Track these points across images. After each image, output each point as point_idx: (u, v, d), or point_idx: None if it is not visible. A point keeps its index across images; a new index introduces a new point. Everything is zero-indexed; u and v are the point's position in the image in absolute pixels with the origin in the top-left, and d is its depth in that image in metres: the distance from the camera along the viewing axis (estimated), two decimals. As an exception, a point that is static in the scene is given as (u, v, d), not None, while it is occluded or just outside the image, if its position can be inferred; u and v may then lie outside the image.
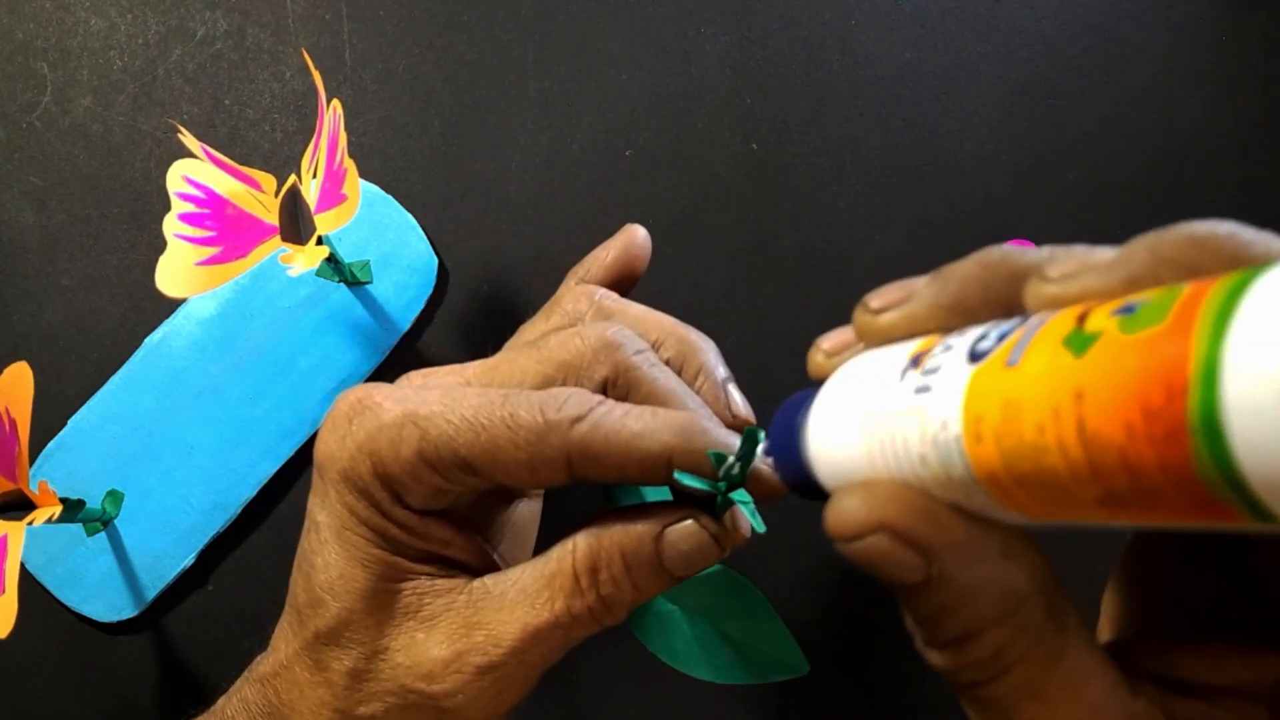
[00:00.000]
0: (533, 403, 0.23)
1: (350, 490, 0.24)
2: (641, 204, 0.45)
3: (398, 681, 0.24)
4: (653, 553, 0.24)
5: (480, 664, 0.24)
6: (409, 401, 0.24)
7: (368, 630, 0.24)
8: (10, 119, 0.45)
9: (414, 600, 0.25)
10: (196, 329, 0.43)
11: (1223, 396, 0.13)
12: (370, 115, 0.45)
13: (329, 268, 0.40)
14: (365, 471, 0.24)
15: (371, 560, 0.24)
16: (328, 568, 0.25)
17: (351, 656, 0.25)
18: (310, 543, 0.25)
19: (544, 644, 0.24)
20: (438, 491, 0.24)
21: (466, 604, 0.24)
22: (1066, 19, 0.47)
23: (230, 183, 0.36)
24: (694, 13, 0.46)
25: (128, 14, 0.46)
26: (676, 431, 0.23)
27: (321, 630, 0.25)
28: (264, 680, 0.26)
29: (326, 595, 0.25)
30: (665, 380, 0.26)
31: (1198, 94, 0.47)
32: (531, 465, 0.23)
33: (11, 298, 0.44)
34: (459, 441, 0.23)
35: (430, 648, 0.24)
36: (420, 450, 0.23)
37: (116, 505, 0.42)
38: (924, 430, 0.17)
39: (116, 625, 0.42)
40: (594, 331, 0.26)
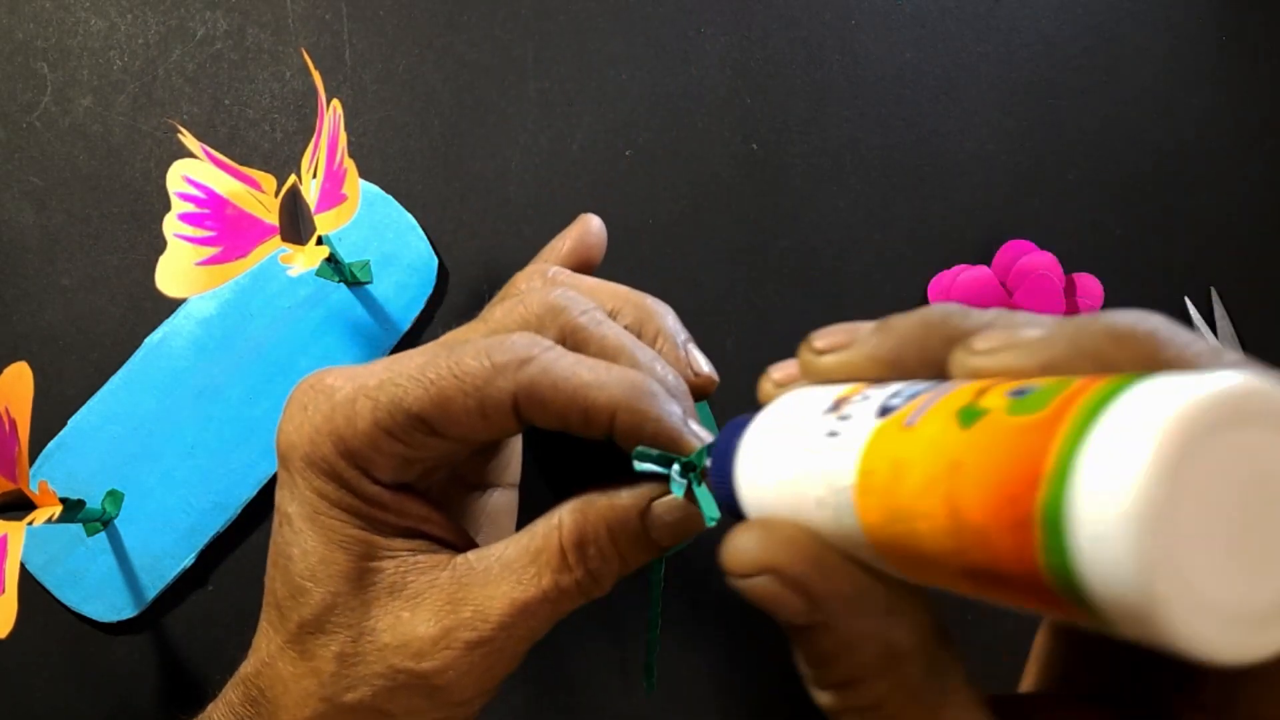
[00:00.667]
0: (479, 349, 0.23)
1: (317, 474, 0.24)
2: (641, 204, 0.45)
3: (386, 662, 0.24)
4: (639, 526, 0.24)
5: (469, 639, 0.24)
6: (358, 377, 0.24)
7: (353, 612, 0.24)
8: (10, 119, 0.45)
9: (397, 578, 0.24)
10: (196, 329, 0.43)
11: (1069, 498, 0.13)
12: (370, 115, 0.45)
13: (329, 268, 0.40)
14: (329, 452, 0.24)
15: (350, 541, 0.24)
16: (306, 556, 0.24)
17: (338, 641, 0.24)
18: (284, 535, 0.25)
19: (532, 618, 0.24)
20: (402, 460, 0.24)
21: (451, 580, 0.24)
22: (1066, 19, 0.47)
23: (230, 183, 0.36)
24: (694, 13, 0.46)
25: (128, 14, 0.46)
26: (627, 388, 0.23)
27: (306, 619, 0.25)
28: (247, 680, 0.26)
29: (308, 583, 0.24)
30: (616, 336, 0.26)
31: (1198, 94, 0.47)
32: (482, 411, 0.23)
33: (11, 298, 0.44)
34: (410, 399, 0.23)
35: (417, 626, 0.24)
36: (376, 419, 0.23)
37: (116, 505, 0.42)
38: (825, 475, 0.17)
39: (116, 625, 0.42)
40: (537, 298, 0.26)
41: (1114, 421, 0.13)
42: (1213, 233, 0.46)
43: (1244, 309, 0.45)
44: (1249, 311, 0.45)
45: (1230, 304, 0.45)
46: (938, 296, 0.44)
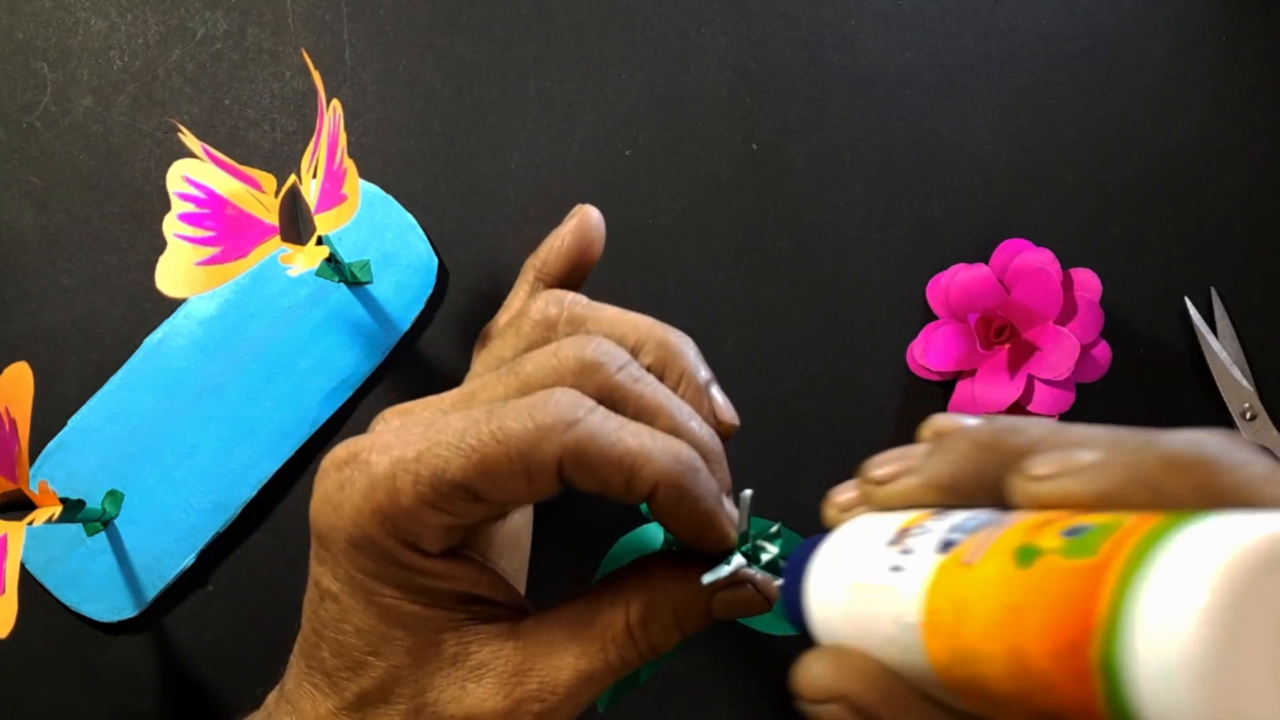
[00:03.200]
0: (520, 410, 0.23)
1: (363, 555, 0.24)
2: (641, 204, 0.45)
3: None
4: (705, 609, 0.25)
5: (538, 711, 0.24)
6: (394, 448, 0.23)
7: (416, 684, 0.24)
8: (10, 119, 0.45)
9: (459, 649, 0.24)
10: (196, 329, 0.43)
11: (1125, 647, 0.13)
12: (370, 115, 0.45)
13: (329, 268, 0.40)
14: (374, 532, 0.23)
15: (410, 617, 0.24)
16: (363, 634, 0.24)
17: (400, 712, 0.24)
18: (329, 611, 0.25)
19: (597, 687, 0.25)
20: (448, 528, 0.24)
21: (515, 650, 0.24)
22: (1066, 19, 0.47)
23: (230, 183, 0.36)
24: (694, 13, 0.46)
25: (128, 14, 0.46)
26: (671, 461, 0.23)
27: (367, 690, 0.24)
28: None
29: (370, 657, 0.24)
30: (653, 395, 0.25)
31: (1198, 94, 0.47)
32: (527, 475, 0.23)
33: (11, 298, 0.44)
34: (453, 469, 0.23)
35: (485, 699, 0.24)
36: (419, 494, 0.23)
37: (116, 505, 0.42)
38: (893, 610, 0.18)
39: (116, 625, 0.42)
40: (571, 352, 0.25)
41: (1165, 569, 0.13)
42: (1213, 233, 0.46)
43: (1244, 309, 0.45)
44: (1249, 311, 0.45)
45: (1230, 304, 0.45)
46: (936, 296, 0.44)
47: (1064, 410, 0.42)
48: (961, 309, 0.43)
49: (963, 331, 0.43)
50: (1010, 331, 0.43)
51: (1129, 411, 0.45)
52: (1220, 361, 0.44)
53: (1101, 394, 0.44)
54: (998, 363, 0.43)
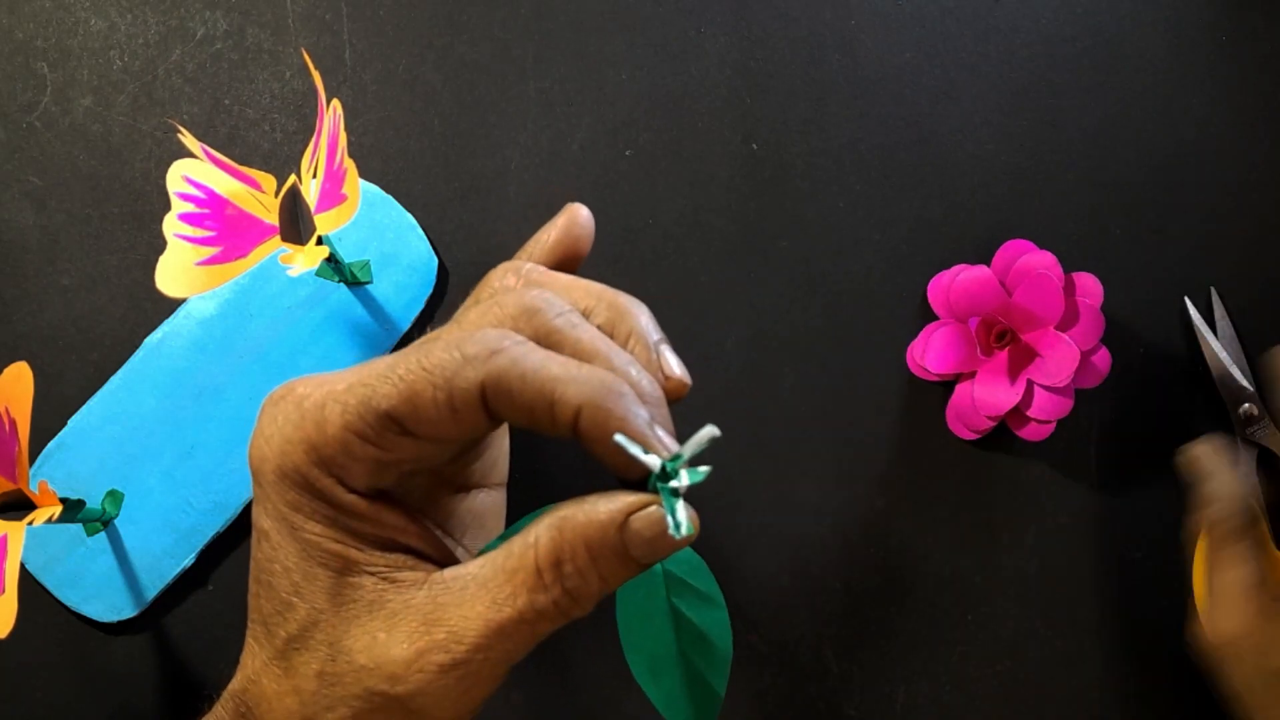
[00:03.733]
0: (448, 342, 0.23)
1: (290, 487, 0.24)
2: (641, 204, 0.45)
3: (362, 684, 0.24)
4: (618, 541, 0.23)
5: (443, 662, 0.23)
6: (326, 383, 0.24)
7: (333, 629, 0.24)
8: (10, 119, 0.45)
9: (375, 596, 0.24)
10: (196, 329, 0.43)
11: None
12: (370, 115, 0.45)
13: (329, 268, 0.40)
14: (301, 461, 0.23)
15: (329, 556, 0.24)
16: (288, 572, 0.24)
17: (319, 658, 0.24)
18: (264, 552, 0.24)
19: (509, 639, 0.23)
20: (375, 463, 0.24)
21: (427, 599, 0.24)
22: (1066, 19, 0.47)
23: (230, 183, 0.36)
24: (694, 13, 0.46)
25: (128, 14, 0.46)
26: (596, 386, 0.22)
27: (292, 634, 0.24)
28: (235, 696, 0.26)
29: (293, 598, 0.24)
30: (591, 340, 0.25)
31: (1198, 94, 0.47)
32: (450, 404, 0.23)
33: (11, 298, 0.44)
34: (378, 397, 0.23)
35: (391, 647, 0.23)
36: (345, 422, 0.23)
37: (116, 505, 0.42)
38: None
39: (116, 625, 0.42)
40: (512, 299, 0.25)
41: None
42: (1213, 233, 0.46)
43: (1244, 309, 0.45)
44: (1249, 311, 0.45)
45: (1230, 304, 0.45)
46: (937, 296, 0.44)
47: (1063, 415, 0.42)
48: (963, 310, 0.43)
49: (963, 333, 0.43)
50: (1011, 335, 0.43)
51: (1129, 412, 0.45)
52: (1220, 361, 0.44)
53: (1101, 394, 0.44)
54: (997, 366, 0.43)
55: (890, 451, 0.45)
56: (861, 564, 0.44)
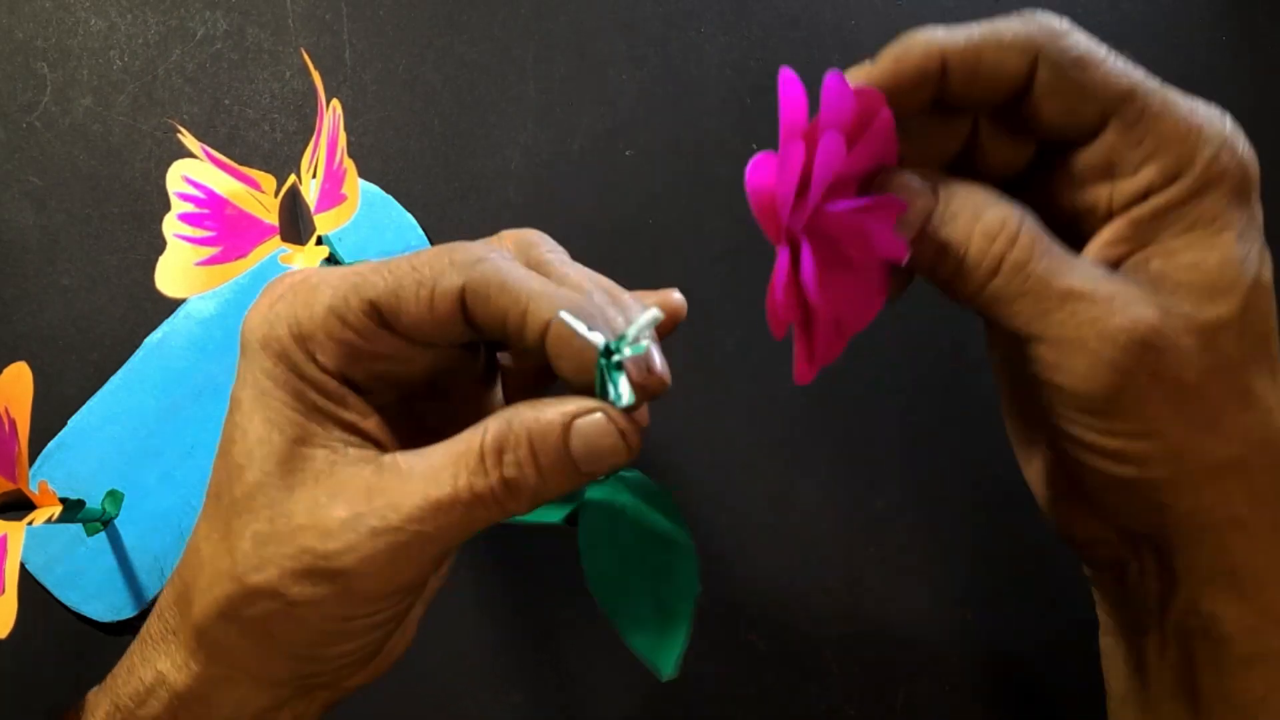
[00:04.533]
0: (441, 249, 0.25)
1: (268, 355, 0.25)
2: (641, 204, 0.45)
3: (295, 542, 0.24)
4: (560, 441, 0.24)
5: (375, 526, 0.24)
6: (324, 273, 0.25)
7: (277, 492, 0.24)
8: (10, 119, 0.45)
9: (324, 468, 0.25)
10: (196, 329, 0.43)
11: None
12: (370, 115, 0.45)
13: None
14: (283, 333, 0.25)
15: (287, 423, 0.25)
16: (245, 436, 0.25)
17: (259, 520, 0.25)
18: (231, 421, 0.26)
19: (443, 516, 0.24)
20: (349, 348, 0.25)
21: (374, 473, 0.24)
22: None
23: (230, 183, 0.36)
24: (694, 13, 0.46)
25: (128, 14, 0.46)
26: (572, 302, 0.24)
27: (237, 498, 0.25)
28: (176, 572, 0.27)
29: (243, 463, 0.25)
30: (578, 275, 0.26)
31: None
32: (431, 302, 0.24)
33: (11, 298, 0.44)
34: (366, 284, 0.24)
35: (331, 509, 0.24)
36: (331, 304, 0.24)
37: (116, 505, 0.42)
38: None
39: (116, 625, 0.42)
40: (511, 231, 0.27)
41: None
42: (1213, 233, 0.46)
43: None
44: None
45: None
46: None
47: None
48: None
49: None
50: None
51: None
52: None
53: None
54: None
55: (891, 451, 0.45)
56: (861, 564, 0.44)
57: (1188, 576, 0.27)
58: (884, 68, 0.26)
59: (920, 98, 0.26)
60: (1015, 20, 0.26)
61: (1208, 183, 0.26)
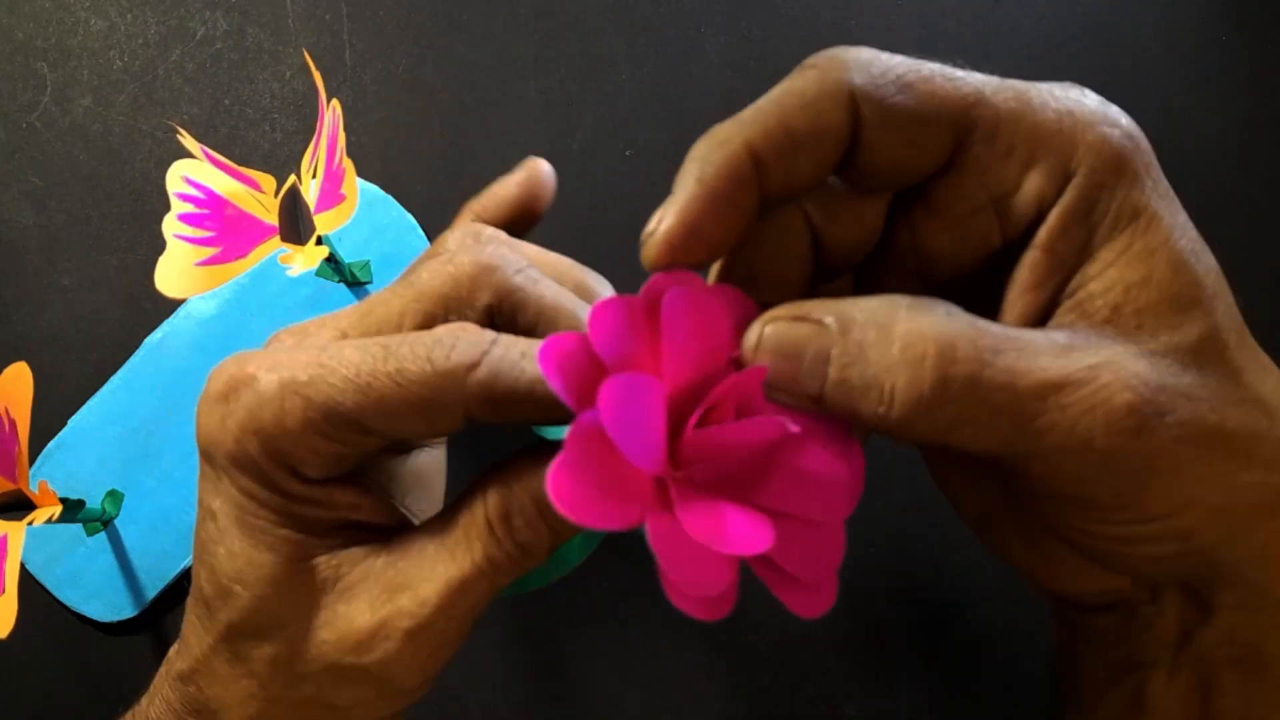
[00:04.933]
0: (418, 352, 0.22)
1: (242, 474, 0.23)
2: (641, 204, 0.45)
3: (325, 660, 0.23)
4: None
5: (409, 627, 0.23)
6: (284, 368, 0.22)
7: (285, 614, 0.23)
8: (10, 119, 0.45)
9: (329, 573, 0.23)
10: (196, 329, 0.43)
11: None
12: (370, 115, 0.45)
13: (329, 268, 0.40)
14: (255, 451, 0.22)
15: (278, 542, 0.23)
16: (232, 557, 0.23)
17: (272, 644, 0.24)
18: (208, 532, 0.24)
19: (469, 595, 0.23)
20: (335, 457, 0.23)
21: (385, 566, 0.23)
22: (1066, 19, 0.47)
23: (230, 183, 0.36)
24: (694, 13, 0.46)
25: (128, 14, 0.46)
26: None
27: (235, 622, 0.24)
28: (183, 678, 0.25)
29: (235, 585, 0.23)
30: (554, 296, 0.24)
31: (1198, 94, 0.47)
32: (428, 419, 0.22)
33: (11, 298, 0.44)
34: (346, 403, 0.22)
35: (354, 619, 0.23)
36: (307, 420, 0.22)
37: (116, 505, 0.42)
38: None
39: (116, 625, 0.42)
40: (468, 257, 0.24)
41: None
42: (1212, 232, 0.46)
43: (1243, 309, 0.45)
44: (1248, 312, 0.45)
45: (1230, 304, 0.45)
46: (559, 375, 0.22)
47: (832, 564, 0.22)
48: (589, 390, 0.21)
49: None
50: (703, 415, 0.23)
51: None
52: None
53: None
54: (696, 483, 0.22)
55: (891, 451, 0.44)
56: (862, 564, 0.44)
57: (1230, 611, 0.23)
58: (690, 202, 0.22)
59: (743, 213, 0.22)
60: (810, 71, 0.22)
61: (1107, 169, 0.21)
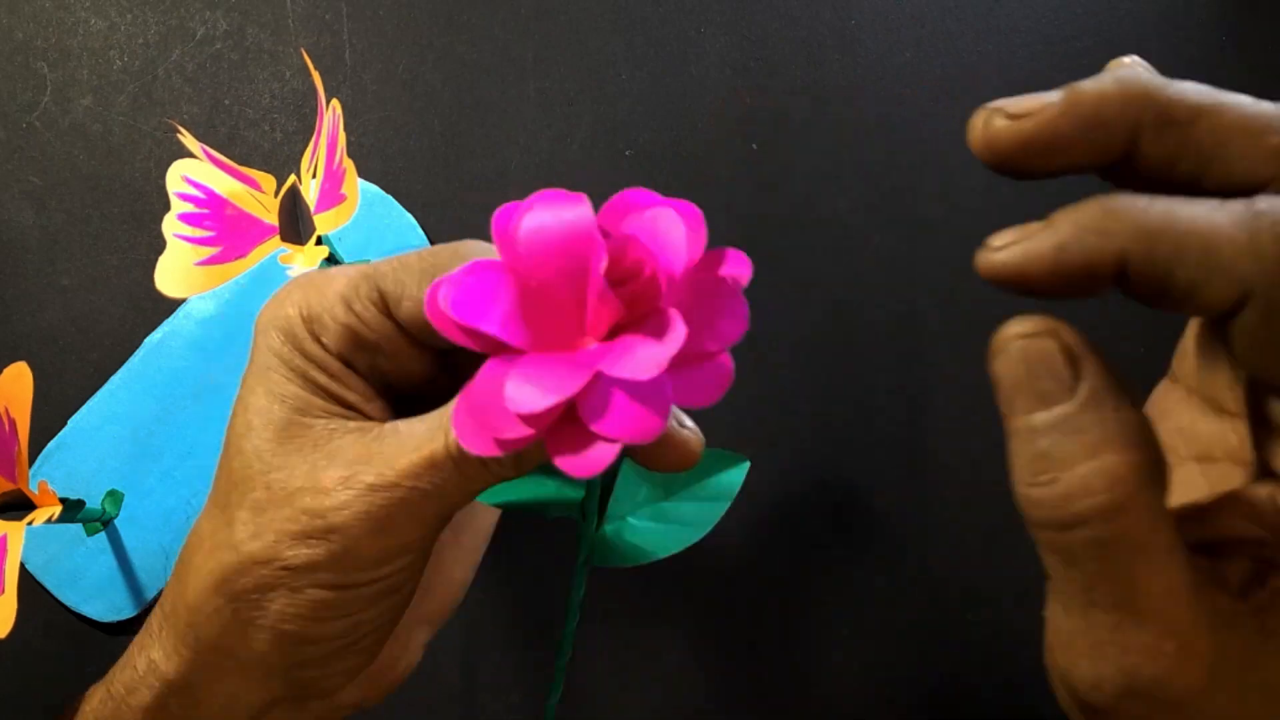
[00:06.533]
0: (451, 246, 0.25)
1: (276, 334, 0.26)
2: (641, 204, 0.45)
3: (292, 504, 0.24)
4: None
5: (371, 482, 0.24)
6: (345, 267, 0.26)
7: (275, 458, 0.25)
8: (10, 119, 0.45)
9: (323, 435, 0.25)
10: (196, 329, 0.43)
11: None
12: (370, 115, 0.45)
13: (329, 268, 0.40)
14: (291, 314, 0.25)
15: (289, 395, 0.25)
16: (247, 409, 0.26)
17: (257, 487, 0.25)
18: (239, 397, 0.26)
19: (437, 472, 0.24)
20: (353, 333, 0.25)
21: (373, 439, 0.25)
22: (1066, 19, 0.47)
23: (230, 183, 0.36)
24: (694, 13, 0.46)
25: (128, 14, 0.46)
26: None
27: (234, 469, 0.25)
28: (179, 556, 0.27)
29: (243, 432, 0.26)
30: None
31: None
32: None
33: (11, 298, 0.44)
34: (376, 273, 0.25)
35: (328, 470, 0.25)
36: (341, 290, 0.25)
37: (116, 505, 0.42)
38: None
39: (116, 625, 0.42)
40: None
41: None
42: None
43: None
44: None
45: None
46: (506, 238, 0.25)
47: (641, 435, 0.21)
48: (539, 266, 0.24)
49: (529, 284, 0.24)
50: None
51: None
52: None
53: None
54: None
55: (892, 450, 0.45)
56: (862, 564, 0.44)
57: None
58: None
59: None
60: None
61: None
